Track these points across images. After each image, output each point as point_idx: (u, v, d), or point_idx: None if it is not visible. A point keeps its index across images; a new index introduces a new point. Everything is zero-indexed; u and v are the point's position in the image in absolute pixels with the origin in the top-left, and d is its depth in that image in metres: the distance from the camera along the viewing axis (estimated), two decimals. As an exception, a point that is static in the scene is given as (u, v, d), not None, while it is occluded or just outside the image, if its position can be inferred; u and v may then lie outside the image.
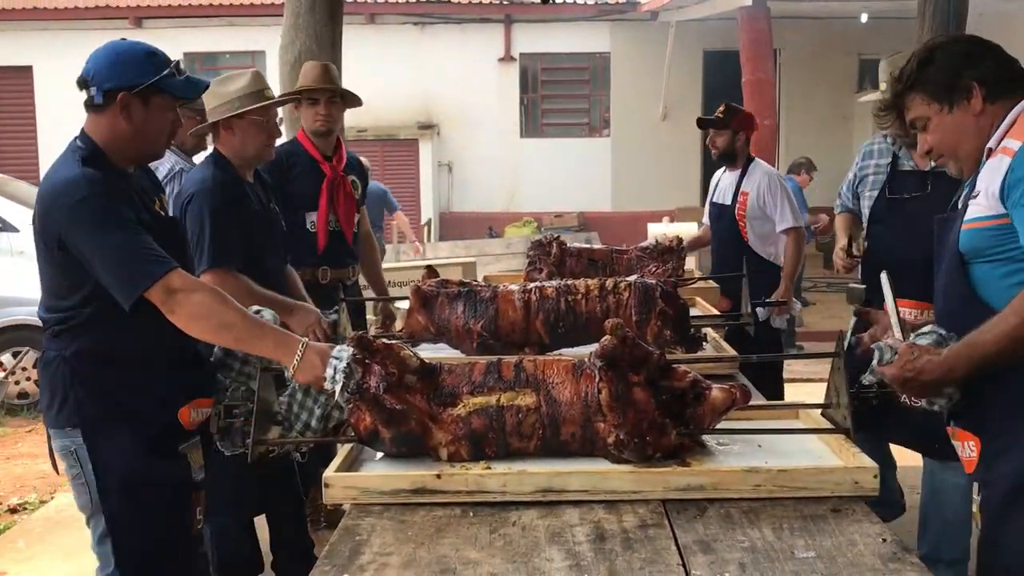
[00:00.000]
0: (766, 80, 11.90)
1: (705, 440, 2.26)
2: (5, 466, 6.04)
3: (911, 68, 2.20)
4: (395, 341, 2.32)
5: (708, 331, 3.43)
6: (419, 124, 15.15)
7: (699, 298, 4.24)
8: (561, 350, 3.10)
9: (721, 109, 5.04)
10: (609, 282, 3.16)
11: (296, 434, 2.35)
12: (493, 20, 15.32)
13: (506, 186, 15.48)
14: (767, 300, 4.59)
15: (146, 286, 2.28)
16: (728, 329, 3.84)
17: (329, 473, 2.10)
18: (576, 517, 1.97)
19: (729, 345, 3.44)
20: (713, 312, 4.06)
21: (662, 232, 8.02)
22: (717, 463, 2.14)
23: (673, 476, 2.04)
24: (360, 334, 2.23)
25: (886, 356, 2.10)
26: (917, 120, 2.22)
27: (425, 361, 2.25)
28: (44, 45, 14.40)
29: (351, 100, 4.25)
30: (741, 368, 3.17)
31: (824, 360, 2.33)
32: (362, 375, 2.17)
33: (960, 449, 2.18)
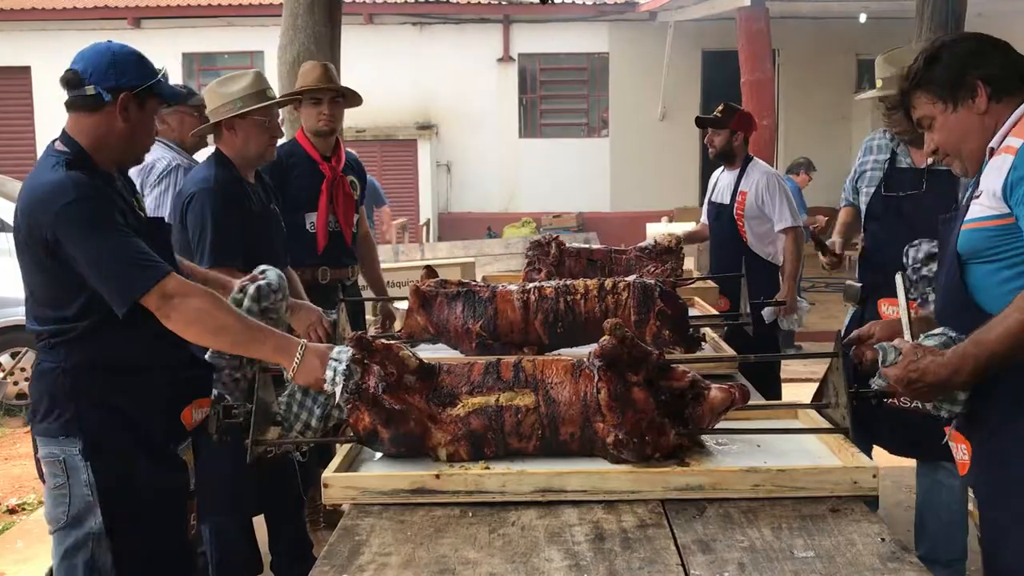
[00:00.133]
0: (765, 80, 11.90)
1: (704, 440, 2.27)
2: (3, 467, 6.04)
3: (918, 66, 2.18)
4: (394, 341, 2.31)
5: (707, 331, 3.43)
6: (418, 124, 15.15)
7: (698, 298, 4.24)
8: (560, 350, 3.10)
9: (720, 108, 5.04)
10: (608, 282, 3.16)
11: (296, 434, 2.34)
12: (492, 20, 15.32)
13: (505, 186, 15.49)
14: (768, 300, 4.58)
15: (141, 292, 2.25)
16: (727, 329, 3.84)
17: (328, 473, 2.10)
18: (575, 517, 1.97)
19: (728, 345, 3.44)
20: (712, 312, 4.06)
21: (661, 232, 8.00)
22: (716, 463, 2.14)
23: (672, 476, 2.05)
24: (359, 334, 2.22)
25: (890, 357, 2.06)
26: (923, 119, 2.21)
27: (424, 361, 2.25)
28: (42, 46, 14.37)
29: (352, 99, 4.25)
30: (739, 368, 3.17)
31: (822, 360, 2.33)
32: (361, 375, 2.17)
33: (954, 451, 2.17)
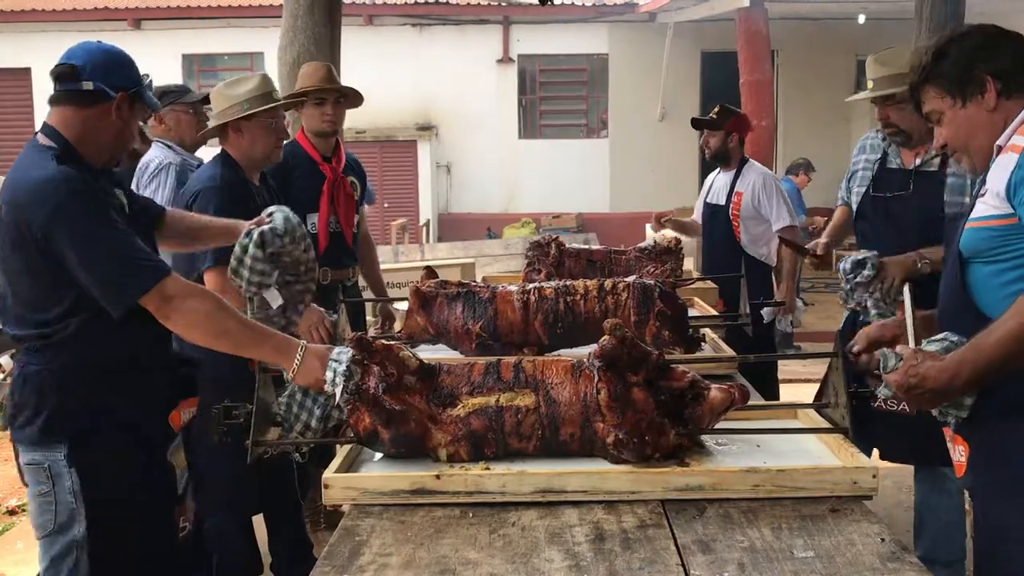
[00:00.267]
0: (764, 81, 11.89)
1: (704, 440, 2.27)
2: (3, 468, 6.03)
3: (926, 60, 2.15)
4: (394, 342, 2.32)
5: (706, 331, 3.43)
6: (418, 125, 15.14)
7: (697, 298, 4.24)
8: (560, 350, 3.10)
9: (716, 110, 5.10)
10: (608, 283, 3.16)
11: (296, 435, 2.34)
12: (491, 21, 15.32)
13: (504, 187, 15.48)
14: (768, 301, 4.59)
15: (141, 293, 2.22)
16: (725, 329, 3.84)
17: (329, 474, 2.10)
18: (575, 517, 1.97)
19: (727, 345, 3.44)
20: (711, 312, 4.06)
21: (660, 233, 8.00)
22: (716, 463, 2.14)
23: (672, 476, 2.05)
24: (359, 335, 2.22)
25: (890, 363, 2.04)
26: (932, 113, 2.18)
27: (424, 362, 2.25)
28: (42, 47, 14.26)
29: (352, 100, 4.26)
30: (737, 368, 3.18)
31: (822, 360, 2.34)
32: (361, 376, 2.17)
33: (953, 453, 2.17)
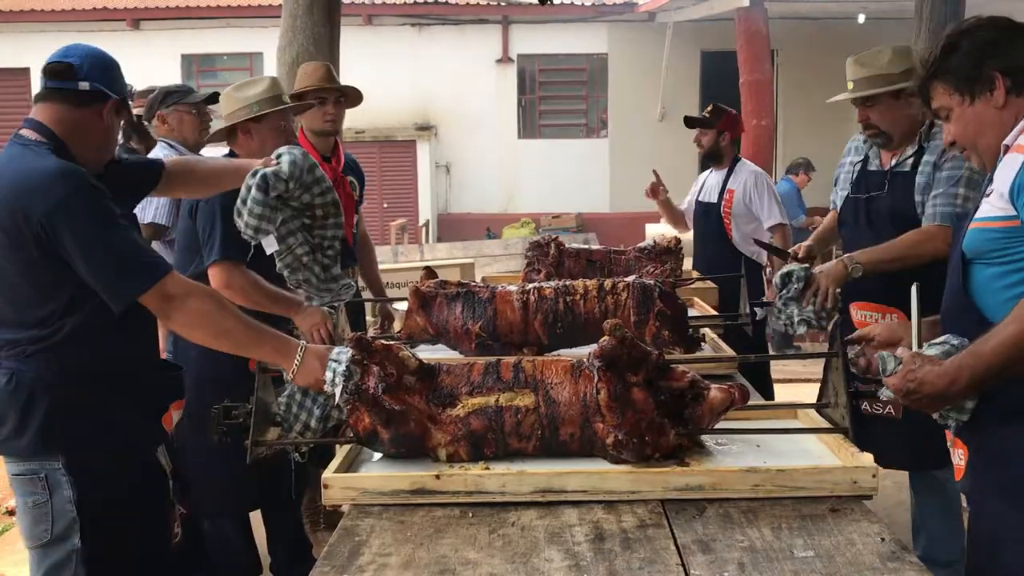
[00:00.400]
0: (764, 80, 11.90)
1: (704, 440, 2.27)
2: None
3: (935, 55, 2.10)
4: (394, 342, 2.31)
5: (706, 331, 3.43)
6: (417, 125, 15.14)
7: (697, 298, 4.24)
8: (560, 351, 3.10)
9: (708, 109, 5.16)
10: (607, 283, 3.16)
11: (295, 435, 2.34)
12: (491, 21, 15.32)
13: (504, 187, 15.48)
14: (764, 301, 4.58)
15: (142, 290, 2.20)
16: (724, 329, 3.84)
17: (328, 474, 2.10)
18: (575, 517, 1.97)
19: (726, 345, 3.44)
20: (711, 312, 4.06)
21: (660, 233, 8.03)
22: (716, 463, 2.14)
23: (672, 476, 2.04)
24: (359, 335, 2.22)
25: (890, 366, 2.02)
26: (940, 110, 2.13)
27: (424, 362, 2.25)
28: (42, 47, 14.09)
29: (353, 99, 4.27)
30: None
31: (822, 360, 2.33)
32: (361, 376, 2.17)
33: (952, 456, 2.16)
